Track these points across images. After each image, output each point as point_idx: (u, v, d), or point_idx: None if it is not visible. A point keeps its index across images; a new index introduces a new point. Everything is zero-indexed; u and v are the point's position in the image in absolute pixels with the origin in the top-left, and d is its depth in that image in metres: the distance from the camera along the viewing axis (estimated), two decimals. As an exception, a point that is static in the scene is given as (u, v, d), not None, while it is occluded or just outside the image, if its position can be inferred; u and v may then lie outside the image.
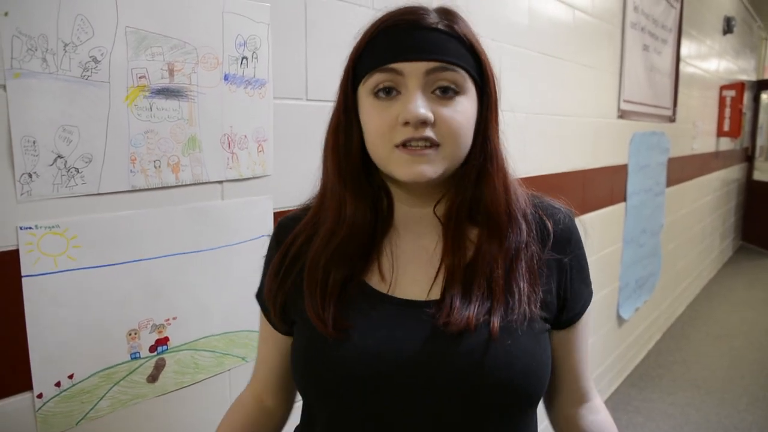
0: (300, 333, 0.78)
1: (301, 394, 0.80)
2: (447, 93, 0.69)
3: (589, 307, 0.83)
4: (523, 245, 0.75)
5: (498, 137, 0.76)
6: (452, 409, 0.69)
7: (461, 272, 0.73)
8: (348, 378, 0.70)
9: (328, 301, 0.73)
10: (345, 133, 0.75)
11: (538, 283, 0.74)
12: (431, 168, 0.69)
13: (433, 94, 0.69)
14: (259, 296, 0.88)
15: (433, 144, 0.68)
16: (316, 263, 0.76)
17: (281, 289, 0.80)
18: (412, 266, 0.77)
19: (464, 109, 0.70)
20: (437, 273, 0.74)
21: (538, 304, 0.73)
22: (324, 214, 0.78)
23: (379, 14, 0.75)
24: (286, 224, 0.85)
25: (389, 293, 0.75)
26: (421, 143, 0.68)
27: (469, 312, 0.69)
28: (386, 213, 0.79)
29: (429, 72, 0.68)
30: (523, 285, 0.73)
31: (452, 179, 0.75)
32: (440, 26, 0.70)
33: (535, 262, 0.75)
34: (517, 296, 0.72)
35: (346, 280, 0.75)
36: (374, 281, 0.76)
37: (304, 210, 0.84)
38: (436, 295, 0.73)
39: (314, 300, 0.74)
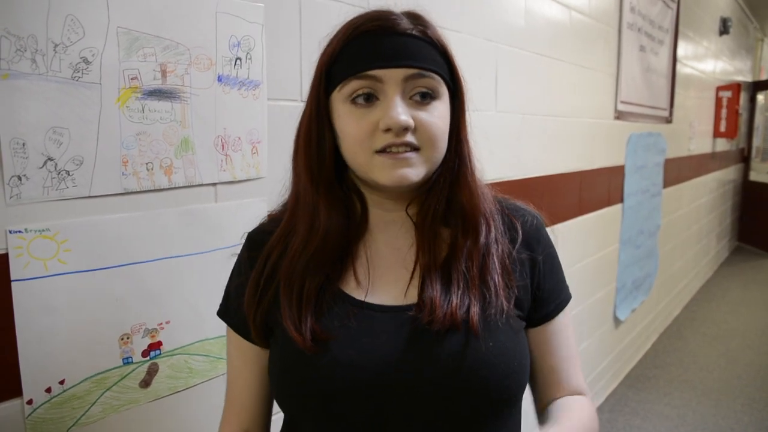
0: (278, 347, 0.77)
1: (283, 410, 0.79)
2: (425, 98, 0.71)
3: (567, 311, 0.84)
4: (493, 240, 0.76)
5: (468, 139, 0.78)
6: (436, 410, 0.69)
7: (437, 270, 0.74)
8: (330, 391, 0.69)
9: (305, 312, 0.72)
10: (317, 139, 0.74)
11: (512, 279, 0.76)
12: (414, 171, 0.70)
13: (411, 99, 0.70)
14: (224, 313, 0.85)
15: (413, 148, 0.69)
16: (291, 273, 0.75)
17: (260, 306, 0.78)
18: (387, 270, 0.77)
19: (441, 114, 0.72)
20: (412, 274, 0.75)
21: (513, 301, 0.75)
22: (296, 223, 0.77)
23: (347, 18, 0.74)
24: (255, 237, 0.83)
25: (366, 300, 0.74)
26: (402, 148, 0.69)
27: (452, 306, 0.70)
28: (360, 217, 0.79)
29: (407, 78, 0.69)
30: (497, 279, 0.74)
31: (426, 182, 0.76)
32: (415, 32, 0.71)
33: (506, 257, 0.77)
34: (492, 290, 0.73)
35: (322, 288, 0.74)
36: (350, 288, 0.76)
37: (274, 221, 0.83)
38: (413, 297, 0.73)
39: (291, 312, 0.73)
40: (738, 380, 3.51)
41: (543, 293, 0.80)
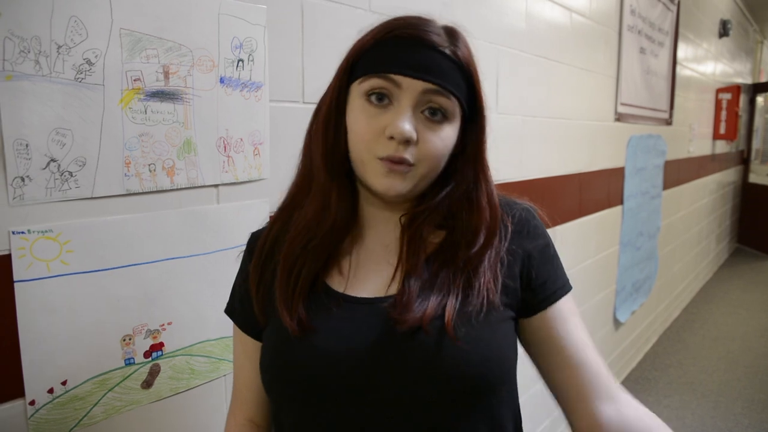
0: (268, 334, 0.79)
1: (270, 398, 0.80)
2: (435, 116, 0.71)
3: (569, 300, 0.81)
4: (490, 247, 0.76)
5: (486, 164, 0.78)
6: (410, 403, 0.69)
7: (420, 271, 0.74)
8: (310, 378, 0.71)
9: (298, 298, 0.74)
10: (335, 128, 0.75)
11: (498, 276, 0.75)
12: (402, 184, 0.71)
13: (422, 114, 0.71)
14: (231, 311, 0.88)
15: (408, 164, 0.70)
16: (291, 255, 0.76)
17: (262, 283, 0.80)
18: (372, 265, 0.78)
19: (447, 137, 0.72)
20: (395, 271, 0.76)
21: (498, 292, 0.74)
22: (303, 201, 0.78)
23: (379, 19, 0.75)
24: (256, 233, 0.87)
25: (347, 292, 0.76)
26: (397, 160, 0.70)
27: (425, 308, 0.70)
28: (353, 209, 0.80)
29: (425, 92, 0.70)
30: (483, 280, 0.74)
31: (422, 195, 0.77)
32: (446, 50, 0.71)
33: (498, 256, 0.76)
34: (476, 289, 0.73)
35: (314, 278, 0.76)
36: (333, 280, 0.77)
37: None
38: (393, 291, 0.74)
39: (286, 293, 0.75)
40: (738, 382, 3.51)
41: (536, 281, 0.78)
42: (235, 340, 0.88)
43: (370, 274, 0.77)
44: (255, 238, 0.86)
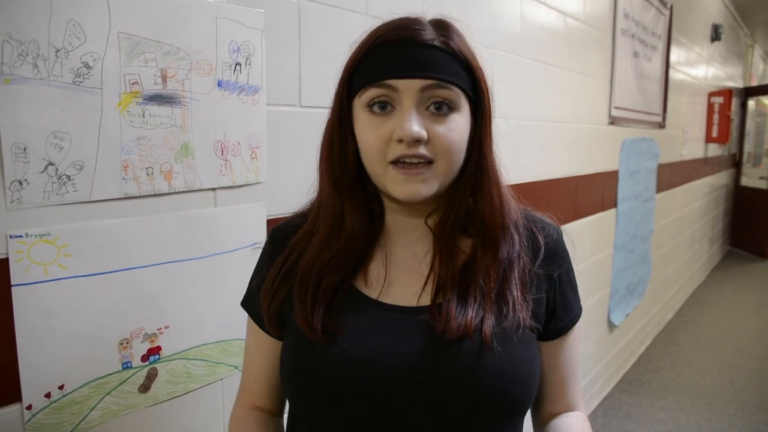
0: (289, 338, 0.78)
1: (289, 401, 0.80)
2: (441, 110, 0.70)
3: (578, 324, 0.84)
4: (516, 256, 0.76)
5: (492, 151, 0.77)
6: (442, 415, 0.69)
7: (455, 281, 0.74)
8: (337, 383, 0.70)
9: (318, 305, 0.73)
10: (340, 145, 0.75)
11: (528, 293, 0.76)
12: (426, 186, 0.70)
13: (428, 110, 0.70)
14: (247, 304, 0.88)
15: (426, 161, 0.69)
16: (308, 271, 0.76)
17: (275, 298, 0.79)
18: (402, 273, 0.77)
19: (458, 127, 0.71)
20: (426, 280, 0.75)
21: (530, 314, 0.75)
22: (320, 224, 0.78)
23: (375, 23, 0.74)
24: (281, 230, 0.85)
25: (379, 299, 0.75)
26: (414, 160, 0.69)
27: (466, 319, 0.69)
28: (378, 219, 0.79)
29: (424, 89, 0.69)
30: (516, 294, 0.74)
31: (445, 192, 0.76)
32: (436, 43, 0.70)
33: (526, 273, 0.77)
34: (510, 304, 0.73)
35: (338, 286, 0.75)
36: (364, 286, 0.76)
37: (300, 216, 0.84)
38: (425, 302, 0.74)
39: (303, 305, 0.74)
40: (731, 384, 3.53)
41: (559, 308, 0.80)
42: (249, 333, 0.88)
43: (401, 282, 0.76)
44: (278, 236, 0.84)
